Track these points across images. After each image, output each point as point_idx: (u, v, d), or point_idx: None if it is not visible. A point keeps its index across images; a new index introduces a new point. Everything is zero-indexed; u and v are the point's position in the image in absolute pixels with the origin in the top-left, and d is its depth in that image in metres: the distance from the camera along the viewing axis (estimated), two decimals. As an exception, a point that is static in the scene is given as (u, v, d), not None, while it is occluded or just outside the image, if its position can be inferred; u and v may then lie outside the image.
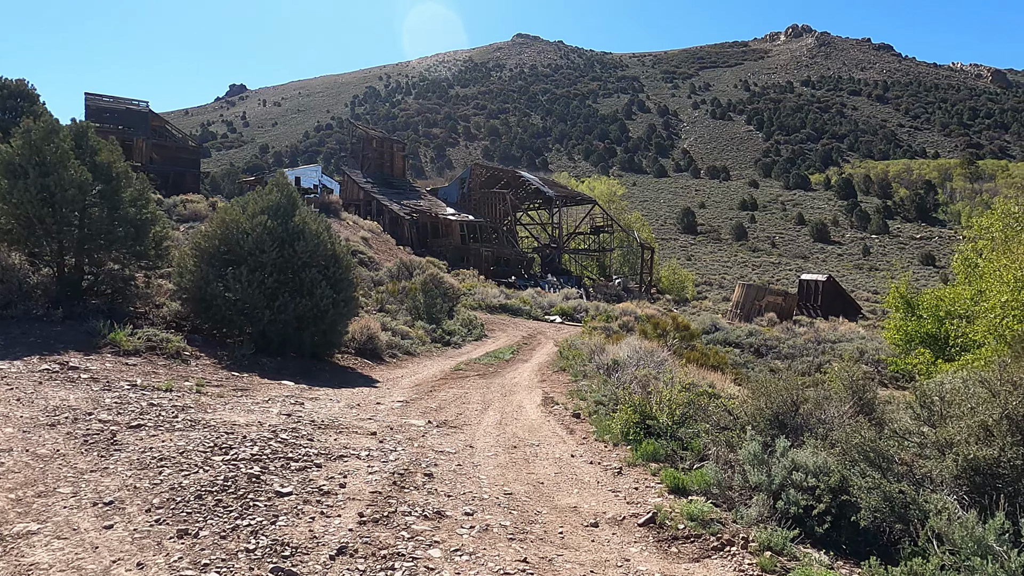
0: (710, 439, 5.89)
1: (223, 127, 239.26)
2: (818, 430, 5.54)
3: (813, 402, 5.83)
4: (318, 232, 11.21)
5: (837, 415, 5.54)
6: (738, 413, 6.00)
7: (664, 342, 12.46)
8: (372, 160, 66.33)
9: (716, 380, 8.44)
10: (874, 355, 27.42)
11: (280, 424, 6.36)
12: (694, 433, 6.23)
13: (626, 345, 10.21)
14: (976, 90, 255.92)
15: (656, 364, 8.93)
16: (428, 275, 28.43)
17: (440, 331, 20.88)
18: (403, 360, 14.68)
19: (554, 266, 61.94)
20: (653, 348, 9.80)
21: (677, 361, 10.12)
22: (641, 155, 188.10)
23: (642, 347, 9.90)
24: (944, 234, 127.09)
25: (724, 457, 5.35)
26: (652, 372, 8.12)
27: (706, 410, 6.47)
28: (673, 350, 11.55)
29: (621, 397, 7.23)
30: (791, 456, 4.89)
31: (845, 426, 5.40)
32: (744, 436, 5.67)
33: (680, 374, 7.90)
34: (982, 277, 20.79)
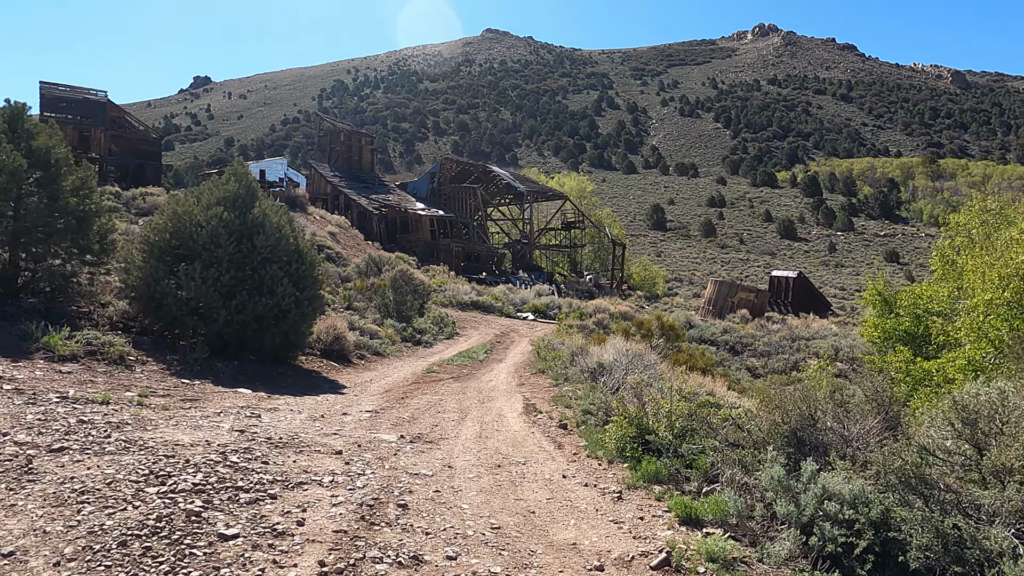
0: (718, 458, 5.24)
1: (187, 120, 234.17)
2: (843, 449, 4.91)
3: (832, 416, 5.21)
4: (279, 225, 10.35)
5: (862, 431, 4.93)
6: (751, 429, 5.36)
7: (649, 343, 11.86)
8: (340, 154, 64.95)
9: (712, 386, 7.84)
10: (848, 352, 27.22)
11: (231, 443, 5.55)
12: (698, 449, 5.58)
13: (611, 347, 9.57)
14: (937, 90, 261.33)
15: (646, 368, 8.29)
16: (398, 271, 27.55)
17: (410, 330, 20.06)
18: (372, 361, 13.86)
19: (525, 262, 61.29)
20: (640, 351, 9.17)
21: (665, 364, 9.50)
22: (611, 152, 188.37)
23: (628, 349, 9.27)
24: (907, 231, 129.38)
25: (740, 481, 4.70)
26: (645, 378, 7.47)
27: (710, 423, 5.82)
28: (659, 351, 10.94)
29: (614, 407, 6.56)
30: (821, 482, 4.25)
31: (873, 445, 4.77)
32: (760, 455, 5.02)
33: (678, 381, 7.25)
34: (961, 274, 20.62)
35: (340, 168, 63.14)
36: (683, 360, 10.00)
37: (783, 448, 4.99)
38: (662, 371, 8.28)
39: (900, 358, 19.70)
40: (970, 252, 19.61)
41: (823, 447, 5.03)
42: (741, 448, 5.26)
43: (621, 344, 9.54)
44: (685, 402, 6.18)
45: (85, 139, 51.68)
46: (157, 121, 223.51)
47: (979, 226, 21.18)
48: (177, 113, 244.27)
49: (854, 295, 78.90)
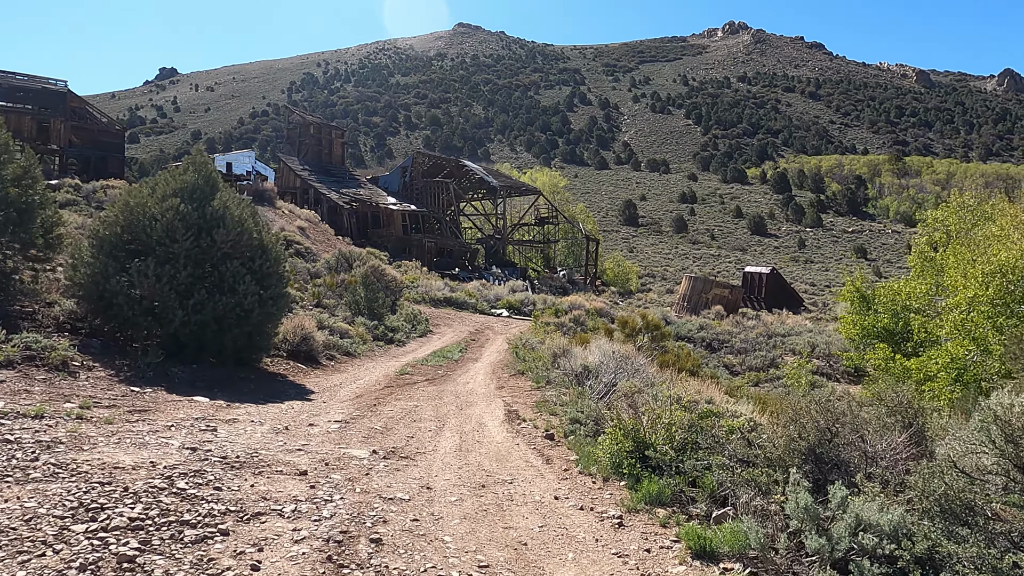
0: (727, 477, 4.71)
1: (152, 112, 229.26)
2: (866, 468, 4.42)
3: (851, 428, 4.71)
4: (242, 219, 9.63)
5: (888, 448, 4.44)
6: (764, 445, 4.85)
7: (634, 343, 11.36)
8: (310, 147, 63.68)
9: (705, 391, 7.36)
10: (824, 349, 27.09)
11: (180, 464, 4.89)
12: (703, 466, 5.05)
13: (596, 348, 9.04)
14: (902, 89, 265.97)
15: (635, 372, 7.77)
16: (369, 267, 26.78)
17: (382, 328, 19.37)
18: (342, 362, 13.18)
19: (499, 258, 60.69)
20: (627, 352, 8.66)
21: (653, 367, 9.00)
22: (583, 147, 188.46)
23: (615, 351, 8.75)
24: (874, 228, 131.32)
25: (758, 507, 4.18)
26: (638, 384, 6.94)
27: (715, 437, 5.30)
28: (644, 351, 10.44)
29: (606, 416, 6.02)
30: (853, 509, 3.74)
31: (902, 463, 4.28)
32: (775, 474, 4.50)
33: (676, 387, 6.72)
34: (941, 271, 20.51)
35: (310, 162, 61.89)
36: (670, 361, 9.53)
37: (800, 466, 4.48)
38: (652, 374, 7.77)
39: (879, 355, 19.54)
40: (951, 249, 19.51)
41: (843, 465, 4.53)
42: (753, 466, 4.75)
43: (606, 345, 9.02)
44: (685, 412, 5.66)
45: (44, 130, 49.93)
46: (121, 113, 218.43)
47: (957, 222, 21.14)
48: (142, 105, 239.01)
49: (824, 291, 79.72)
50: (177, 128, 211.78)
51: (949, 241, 21.02)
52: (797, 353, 26.90)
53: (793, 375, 20.15)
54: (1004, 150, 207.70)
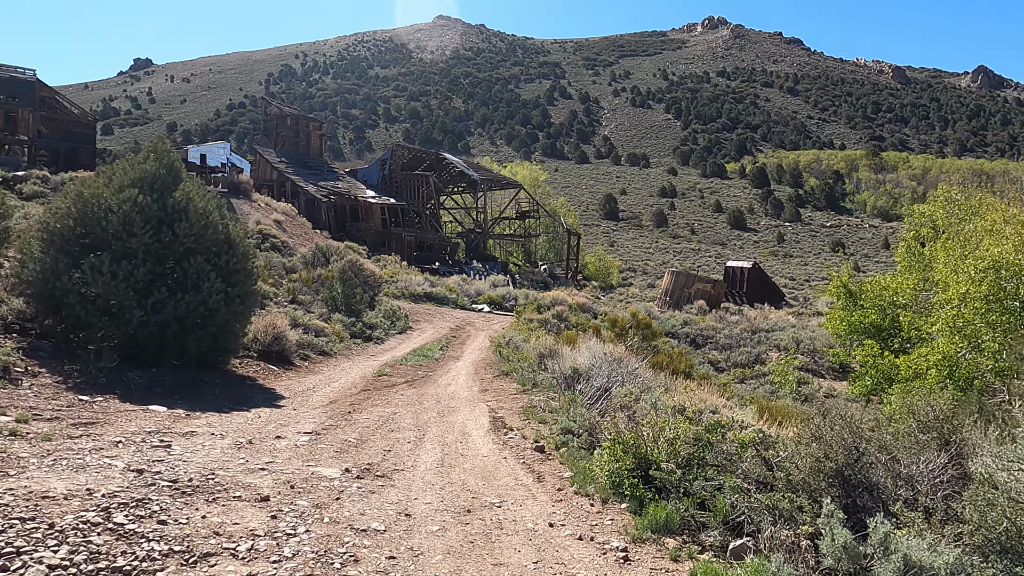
0: (744, 501, 4.19)
1: (127, 103, 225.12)
2: (900, 492, 3.91)
3: (878, 446, 4.21)
4: (206, 211, 8.94)
5: (926, 471, 3.94)
6: (785, 465, 4.32)
7: (623, 342, 10.84)
8: (287, 139, 62.52)
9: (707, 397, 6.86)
10: (809, 344, 26.83)
11: (122, 491, 4.27)
12: (715, 486, 4.53)
13: (586, 349, 8.50)
14: (878, 85, 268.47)
15: (630, 376, 7.23)
16: (347, 262, 26.07)
17: (360, 325, 18.70)
18: (317, 363, 12.53)
19: (479, 252, 60.04)
20: (620, 354, 8.13)
21: (646, 368, 8.47)
22: (563, 141, 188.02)
23: (605, 352, 8.22)
24: (852, 222, 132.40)
25: (783, 540, 3.66)
26: (635, 391, 6.40)
27: (726, 453, 4.78)
28: (636, 352, 9.92)
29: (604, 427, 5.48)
30: (899, 548, 3.22)
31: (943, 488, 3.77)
32: (798, 499, 3.98)
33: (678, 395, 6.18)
34: (928, 266, 20.25)
35: (287, 154, 60.76)
36: (663, 363, 9.02)
37: (826, 491, 3.96)
38: (647, 379, 7.25)
39: (867, 352, 19.24)
40: (940, 244, 19.23)
41: (874, 489, 4.02)
42: (772, 490, 4.23)
43: (597, 346, 8.49)
44: (689, 423, 5.14)
45: (12, 120, 48.45)
46: (95, 104, 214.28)
47: (945, 217, 20.88)
48: (116, 96, 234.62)
49: (804, 285, 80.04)
50: (152, 120, 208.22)
51: (936, 236, 20.78)
52: (782, 349, 26.63)
53: (779, 371, 19.81)
54: (978, 146, 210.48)
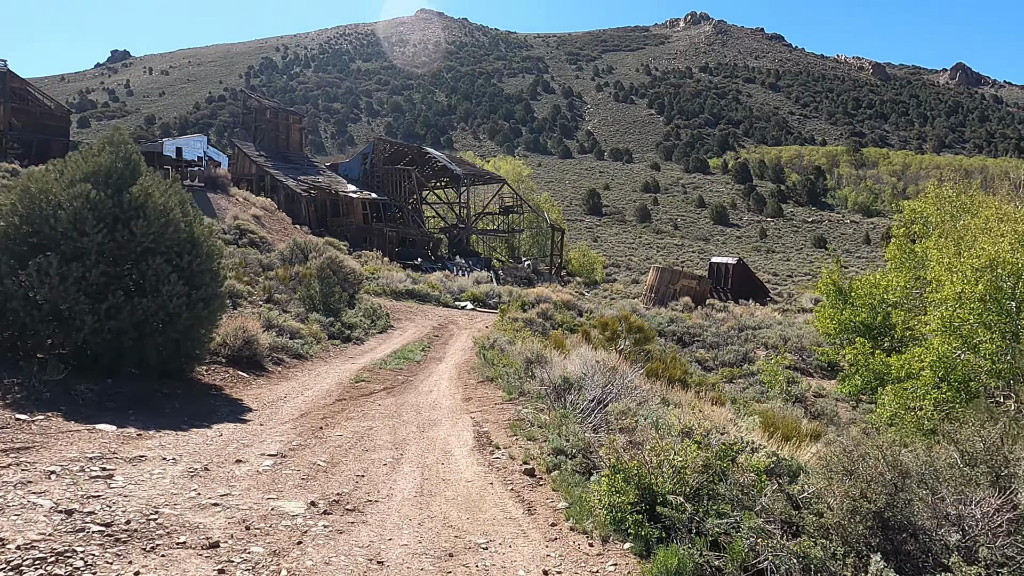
0: (767, 547, 3.63)
1: (104, 95, 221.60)
2: (951, 538, 3.37)
3: (918, 481, 3.67)
4: (167, 207, 8.25)
5: (980, 515, 3.40)
6: (814, 503, 3.77)
7: (615, 346, 10.28)
8: (266, 132, 61.36)
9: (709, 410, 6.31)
10: (797, 342, 26.49)
11: (43, 540, 3.62)
12: (731, 523, 3.98)
13: (577, 356, 7.93)
14: (859, 81, 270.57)
15: (626, 388, 6.66)
16: (326, 258, 25.31)
17: (339, 325, 18.01)
18: (291, 367, 11.86)
19: (462, 247, 59.36)
20: (613, 362, 7.55)
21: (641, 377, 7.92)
22: (546, 136, 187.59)
23: (597, 360, 7.66)
24: (833, 218, 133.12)
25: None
26: (631, 406, 5.83)
27: (743, 487, 4.22)
28: (628, 357, 9.37)
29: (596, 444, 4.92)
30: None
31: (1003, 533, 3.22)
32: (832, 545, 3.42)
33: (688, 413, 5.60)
34: (921, 263, 19.91)
35: (266, 148, 59.64)
36: (659, 370, 8.48)
37: (865, 536, 3.42)
38: (645, 391, 6.68)
39: (859, 351, 18.87)
40: (933, 241, 18.89)
41: (918, 533, 3.48)
42: (798, 531, 3.68)
43: (588, 352, 7.92)
44: (698, 448, 4.58)
45: (-18, 112, 47.08)
46: (71, 96, 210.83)
47: (937, 214, 20.56)
48: (93, 88, 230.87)
49: (787, 280, 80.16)
50: (130, 112, 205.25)
51: (928, 233, 20.48)
52: (770, 347, 26.26)
53: (768, 371, 19.38)
54: (956, 142, 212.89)
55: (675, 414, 5.32)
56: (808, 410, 18.63)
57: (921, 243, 19.89)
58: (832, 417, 17.54)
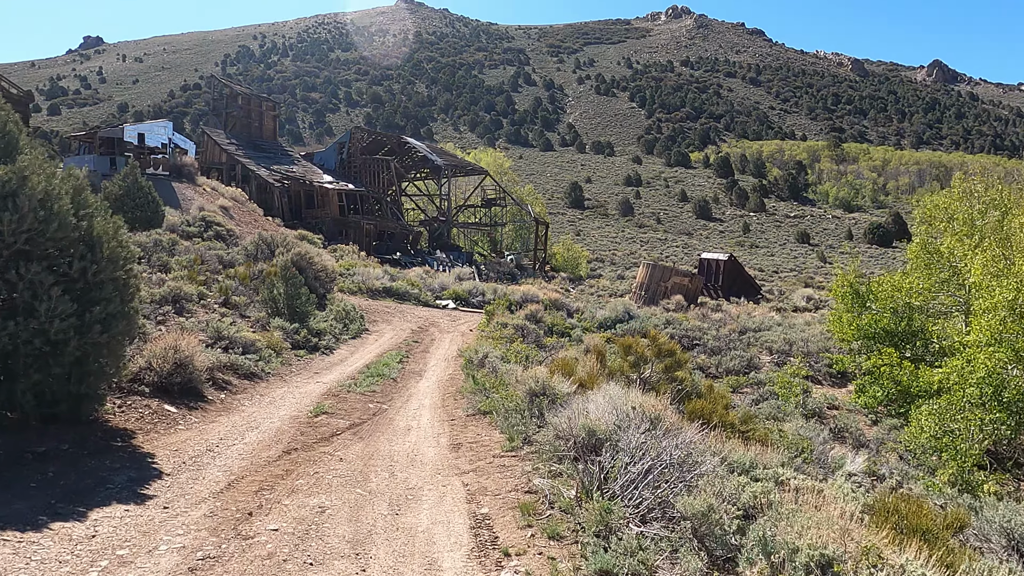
0: None
1: (76, 82, 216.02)
2: None
3: None
4: (50, 195, 6.08)
5: None
6: None
7: (639, 373, 8.26)
8: (238, 119, 58.58)
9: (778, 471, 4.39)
10: (802, 346, 24.66)
11: None
12: None
13: (603, 397, 5.90)
14: (838, 77, 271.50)
15: (685, 459, 4.65)
16: (295, 254, 23.02)
17: (304, 332, 15.82)
18: (239, 392, 9.71)
19: (443, 241, 57.10)
20: (655, 409, 5.54)
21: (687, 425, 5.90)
22: (527, 128, 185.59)
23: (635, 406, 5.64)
24: (815, 213, 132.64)
25: None
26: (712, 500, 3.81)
27: None
28: (657, 389, 7.37)
29: None
30: None
31: None
32: None
33: (807, 510, 3.54)
34: (948, 264, 18.16)
35: (238, 136, 56.87)
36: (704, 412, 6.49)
37: None
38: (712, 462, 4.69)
39: (886, 361, 17.05)
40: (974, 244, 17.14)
41: None
42: None
43: (617, 392, 5.91)
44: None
45: (-72, 94, 44.00)
46: (42, 83, 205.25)
47: (966, 211, 18.78)
48: (65, 75, 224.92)
49: (773, 276, 78.85)
50: (102, 100, 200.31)
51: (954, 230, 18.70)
52: (775, 352, 24.46)
53: (783, 382, 17.50)
54: (934, 138, 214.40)
55: (792, 526, 3.34)
56: (829, 428, 16.82)
57: (947, 240, 18.13)
58: (858, 436, 15.68)
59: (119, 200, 28.25)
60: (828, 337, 25.35)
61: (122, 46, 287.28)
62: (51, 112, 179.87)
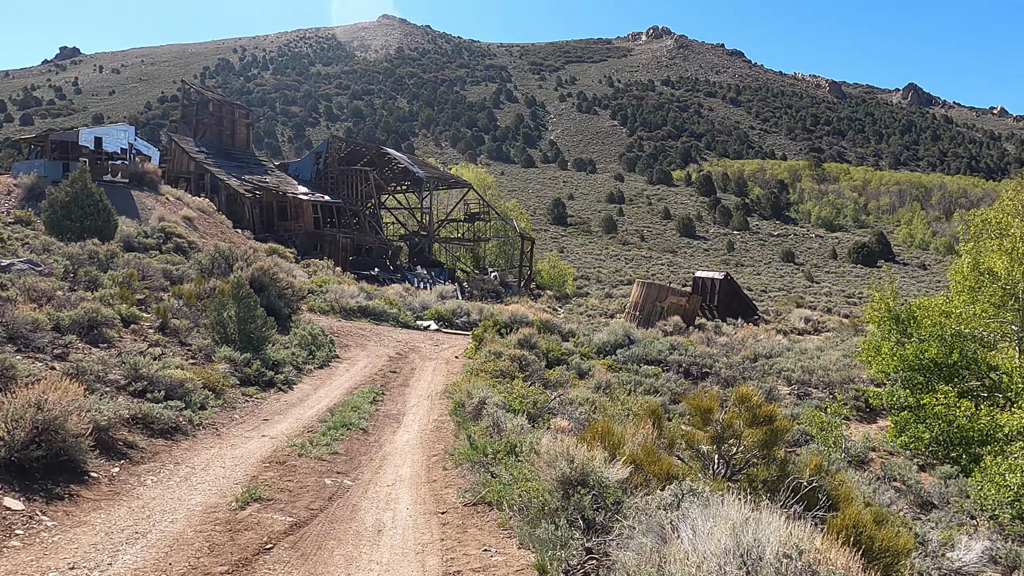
0: None
1: (50, 93, 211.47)
2: None
3: None
4: None
5: None
6: None
7: (717, 450, 5.70)
8: (209, 127, 55.61)
9: None
10: (823, 376, 22.27)
11: None
12: None
13: (719, 531, 3.37)
14: (816, 98, 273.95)
15: None
16: (256, 269, 20.25)
17: (257, 363, 13.03)
18: (144, 459, 6.99)
19: (424, 256, 54.33)
20: (800, 542, 3.09)
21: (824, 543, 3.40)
22: (509, 144, 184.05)
23: (778, 547, 3.15)
24: (798, 232, 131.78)
25: None
26: None
27: None
28: (751, 479, 4.84)
29: None
30: None
31: None
32: None
33: None
34: (1012, 292, 15.81)
35: (208, 144, 53.87)
36: (854, 527, 4.05)
37: None
38: None
39: (941, 401, 14.64)
40: None
41: None
42: None
43: (738, 514, 3.42)
44: None
45: None
46: (15, 93, 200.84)
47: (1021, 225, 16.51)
48: (39, 85, 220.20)
49: (763, 296, 76.89)
50: (77, 111, 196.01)
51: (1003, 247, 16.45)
52: (795, 382, 22.05)
53: (819, 422, 14.99)
54: (911, 160, 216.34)
55: None
56: (875, 475, 14.33)
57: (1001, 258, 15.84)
58: (917, 490, 13.19)
59: (65, 207, 25.31)
60: (851, 366, 23.03)
61: (99, 57, 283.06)
62: (24, 122, 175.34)
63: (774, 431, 5.54)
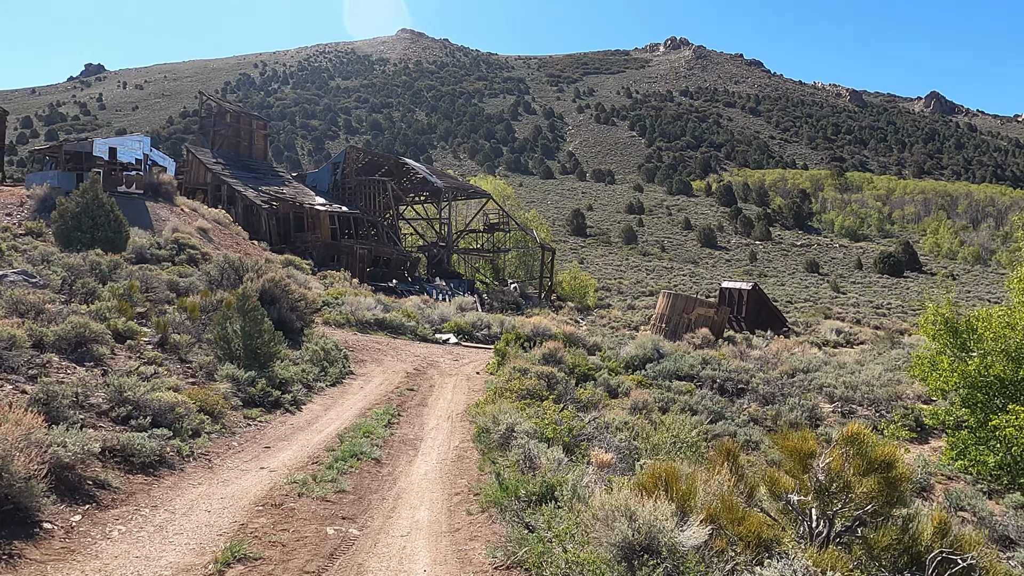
0: None
1: (75, 108, 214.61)
2: None
3: None
4: None
5: None
6: None
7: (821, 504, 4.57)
8: (226, 138, 55.14)
9: None
10: (867, 392, 20.82)
11: None
12: None
13: None
14: (837, 108, 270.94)
15: None
16: (267, 280, 19.26)
17: (263, 382, 11.98)
18: (115, 502, 5.93)
19: (442, 268, 53.34)
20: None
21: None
22: (527, 156, 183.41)
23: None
24: (822, 242, 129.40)
25: None
26: None
27: None
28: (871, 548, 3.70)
29: None
30: None
31: None
32: None
33: None
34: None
35: (225, 155, 53.37)
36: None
37: None
38: None
39: (1013, 422, 13.30)
40: None
41: None
42: None
43: None
44: None
45: None
46: (41, 109, 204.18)
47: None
48: (65, 101, 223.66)
49: (788, 307, 75.08)
50: (101, 126, 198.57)
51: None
52: (837, 399, 20.63)
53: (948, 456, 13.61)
54: (935, 168, 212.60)
55: None
56: (939, 504, 12.97)
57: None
58: (991, 523, 11.83)
59: (75, 218, 24.58)
60: (896, 381, 21.61)
61: (123, 73, 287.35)
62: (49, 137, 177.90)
63: (892, 481, 4.33)
